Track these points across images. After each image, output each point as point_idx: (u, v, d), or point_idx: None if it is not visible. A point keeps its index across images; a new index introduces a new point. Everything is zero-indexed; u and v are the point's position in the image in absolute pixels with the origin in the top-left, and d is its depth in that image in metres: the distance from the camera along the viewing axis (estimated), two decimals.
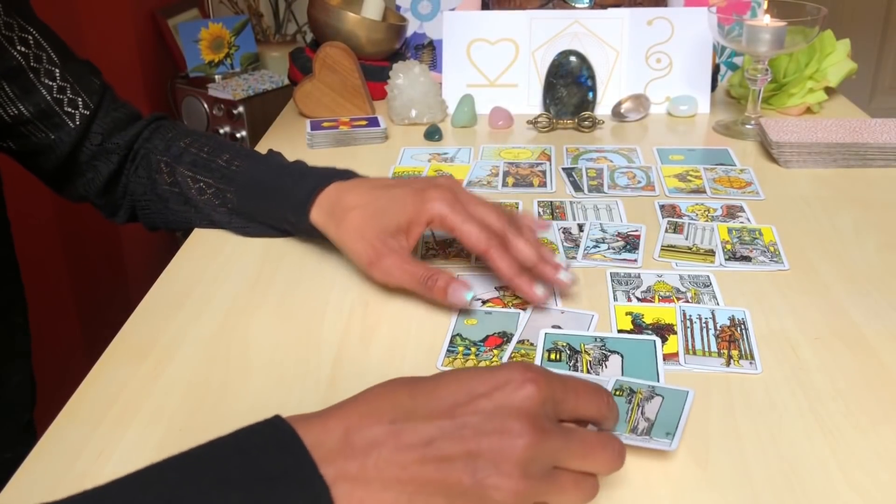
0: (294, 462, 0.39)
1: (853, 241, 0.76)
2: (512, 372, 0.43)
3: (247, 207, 0.77)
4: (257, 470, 0.38)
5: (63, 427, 0.55)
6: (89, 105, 0.79)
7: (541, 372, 0.43)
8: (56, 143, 0.78)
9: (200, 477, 0.38)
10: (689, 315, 0.64)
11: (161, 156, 0.81)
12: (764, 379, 0.57)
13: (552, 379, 0.44)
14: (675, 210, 0.83)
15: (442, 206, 0.65)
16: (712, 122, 1.09)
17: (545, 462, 0.42)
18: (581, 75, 1.08)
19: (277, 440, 0.39)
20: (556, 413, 0.44)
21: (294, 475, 0.38)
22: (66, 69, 0.78)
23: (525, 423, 0.41)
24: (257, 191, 0.76)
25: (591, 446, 0.43)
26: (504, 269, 0.64)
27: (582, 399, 0.45)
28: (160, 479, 0.38)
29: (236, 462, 0.39)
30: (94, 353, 0.62)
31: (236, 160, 0.78)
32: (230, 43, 2.02)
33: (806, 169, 0.93)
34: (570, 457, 0.43)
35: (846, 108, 1.14)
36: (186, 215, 0.81)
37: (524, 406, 0.41)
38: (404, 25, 1.23)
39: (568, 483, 0.43)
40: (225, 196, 0.78)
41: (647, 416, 0.53)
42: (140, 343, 0.64)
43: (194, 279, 0.73)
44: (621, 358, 0.59)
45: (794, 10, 1.00)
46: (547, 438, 0.41)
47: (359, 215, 0.68)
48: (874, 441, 0.51)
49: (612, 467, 0.44)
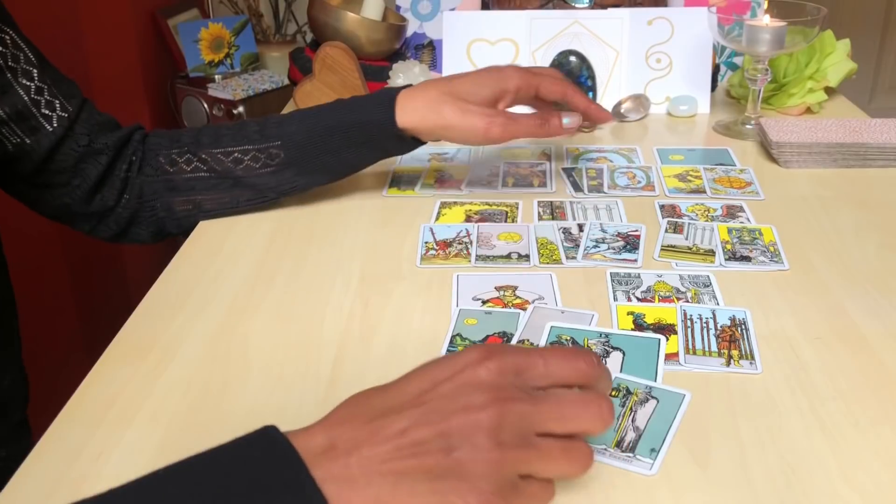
0: (293, 475, 0.40)
1: (853, 241, 0.76)
2: (471, 353, 0.44)
3: (300, 154, 0.79)
4: (256, 482, 0.39)
5: (62, 427, 0.55)
6: (67, 108, 0.77)
7: (499, 347, 0.45)
8: (32, 147, 0.75)
9: (201, 490, 0.39)
10: (690, 315, 0.64)
11: (170, 149, 0.80)
12: (764, 379, 0.57)
13: (512, 351, 0.45)
14: (675, 210, 0.83)
15: (520, 74, 0.81)
16: (712, 122, 1.09)
17: (518, 428, 0.42)
18: (581, 75, 1.08)
19: (275, 452, 0.40)
20: (525, 382, 0.44)
21: (293, 487, 0.39)
22: (44, 71, 0.76)
23: (487, 394, 0.42)
24: (311, 133, 0.79)
25: (568, 406, 0.44)
26: (582, 100, 0.84)
27: (552, 363, 0.45)
28: (160, 493, 0.39)
29: (236, 475, 0.39)
30: (94, 353, 0.62)
31: (268, 122, 0.80)
32: (230, 43, 2.02)
33: (806, 169, 0.93)
34: (545, 419, 0.43)
35: (846, 108, 1.14)
36: (216, 197, 0.81)
37: (485, 380, 0.43)
38: (404, 25, 1.23)
39: (554, 450, 0.43)
40: (269, 153, 0.79)
41: (636, 424, 0.53)
42: (140, 343, 0.64)
43: (194, 279, 0.73)
44: (622, 355, 0.60)
45: (794, 10, 1.00)
46: (512, 404, 0.42)
47: (451, 99, 0.78)
48: (874, 441, 0.51)
49: (596, 424, 0.44)
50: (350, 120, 0.79)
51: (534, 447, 0.43)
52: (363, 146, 0.80)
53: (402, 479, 0.41)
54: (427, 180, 0.92)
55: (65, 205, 0.80)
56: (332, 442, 0.42)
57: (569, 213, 0.83)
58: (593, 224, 0.80)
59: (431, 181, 0.92)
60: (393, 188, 0.91)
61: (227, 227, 0.82)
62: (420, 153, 1.00)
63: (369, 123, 0.78)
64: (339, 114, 0.80)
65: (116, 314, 0.72)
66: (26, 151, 0.75)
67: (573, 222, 0.81)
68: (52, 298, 1.52)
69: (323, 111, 0.81)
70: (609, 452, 0.50)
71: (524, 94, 0.82)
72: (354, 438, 0.42)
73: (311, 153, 0.79)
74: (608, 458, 0.50)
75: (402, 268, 0.74)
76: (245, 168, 0.79)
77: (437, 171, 0.94)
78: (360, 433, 0.42)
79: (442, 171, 0.94)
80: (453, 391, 0.43)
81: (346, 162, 0.82)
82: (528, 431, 0.43)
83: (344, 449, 0.41)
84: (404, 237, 0.79)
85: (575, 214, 0.83)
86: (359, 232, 0.80)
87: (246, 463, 0.40)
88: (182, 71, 2.02)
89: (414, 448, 0.41)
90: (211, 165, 0.79)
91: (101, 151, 0.79)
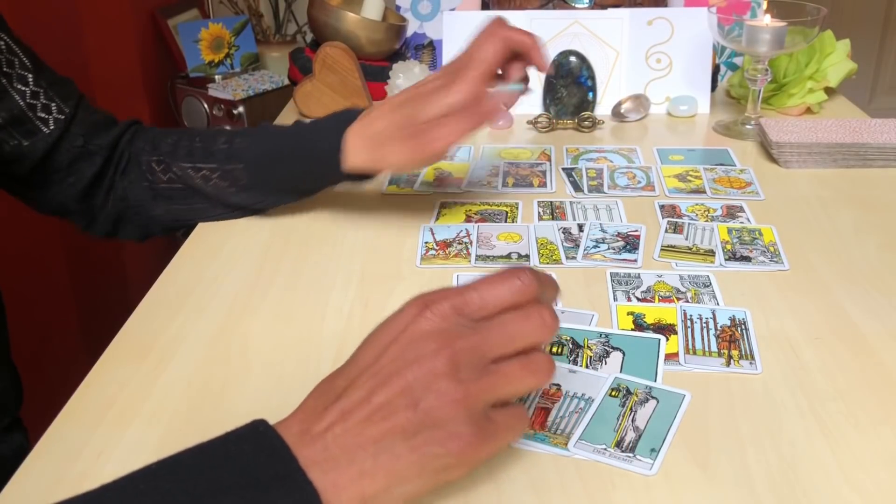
0: (284, 467, 0.41)
1: (853, 241, 0.76)
2: (409, 310, 0.45)
3: (261, 179, 0.78)
4: (248, 476, 0.40)
5: (63, 427, 0.55)
6: (64, 110, 0.77)
7: (433, 295, 0.45)
8: (29, 149, 0.75)
9: (194, 484, 0.39)
10: (690, 315, 0.64)
11: (150, 156, 0.80)
12: (764, 379, 0.57)
13: (446, 294, 0.45)
14: (675, 210, 0.83)
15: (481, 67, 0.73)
16: (712, 122, 1.09)
17: (473, 363, 0.43)
18: (581, 75, 1.08)
19: (265, 446, 0.41)
20: (468, 318, 0.45)
21: (284, 478, 0.40)
22: (39, 75, 0.76)
23: (434, 341, 0.43)
24: (269, 159, 0.77)
25: (510, 324, 0.45)
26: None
27: (486, 292, 0.45)
28: (154, 488, 0.39)
29: (227, 469, 0.40)
30: (94, 353, 0.62)
31: (236, 139, 0.79)
32: (230, 43, 2.02)
33: (806, 169, 0.93)
34: (494, 345, 0.44)
35: (846, 109, 1.14)
36: (193, 209, 0.81)
37: (428, 329, 0.44)
38: (404, 25, 1.23)
39: (513, 369, 0.44)
40: (234, 175, 0.78)
41: (636, 424, 0.53)
42: (140, 343, 0.64)
43: (194, 279, 0.73)
44: (622, 355, 0.60)
45: (794, 10, 1.00)
46: (460, 341, 0.43)
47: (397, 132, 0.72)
48: (874, 441, 0.51)
49: (542, 333, 0.45)
50: (301, 156, 0.77)
51: (493, 374, 0.44)
52: (317, 182, 0.79)
53: (380, 446, 0.42)
54: (426, 178, 0.92)
55: (60, 203, 0.81)
56: (306, 428, 0.43)
57: (569, 213, 0.83)
58: (593, 224, 0.80)
59: (431, 179, 0.92)
60: (392, 185, 0.91)
61: (227, 227, 0.82)
62: None
63: (319, 162, 0.76)
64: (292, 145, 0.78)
65: (116, 314, 0.72)
66: (23, 154, 0.76)
67: (573, 222, 0.81)
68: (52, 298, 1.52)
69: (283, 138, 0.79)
70: (609, 452, 0.50)
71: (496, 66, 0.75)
72: (325, 420, 0.43)
73: (272, 179, 0.78)
74: (608, 458, 0.50)
75: (402, 268, 0.74)
76: (214, 186, 0.79)
77: (436, 169, 0.94)
78: (329, 414, 0.43)
79: (442, 170, 0.94)
80: (402, 349, 0.44)
81: (305, 190, 0.81)
82: (483, 362, 0.44)
83: (318, 433, 0.42)
84: (404, 237, 0.79)
85: (575, 214, 0.83)
86: (359, 232, 0.80)
87: (237, 457, 0.41)
88: (182, 71, 2.02)
89: (381, 412, 0.42)
90: (184, 179, 0.79)
91: (95, 152, 0.80)
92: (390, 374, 0.43)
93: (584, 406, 0.54)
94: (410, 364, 0.43)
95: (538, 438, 0.52)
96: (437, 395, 0.42)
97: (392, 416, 0.42)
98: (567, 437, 0.52)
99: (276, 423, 0.43)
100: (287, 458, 0.41)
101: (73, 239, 1.55)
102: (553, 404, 0.55)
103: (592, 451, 0.51)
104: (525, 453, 0.51)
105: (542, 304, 0.46)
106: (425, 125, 0.71)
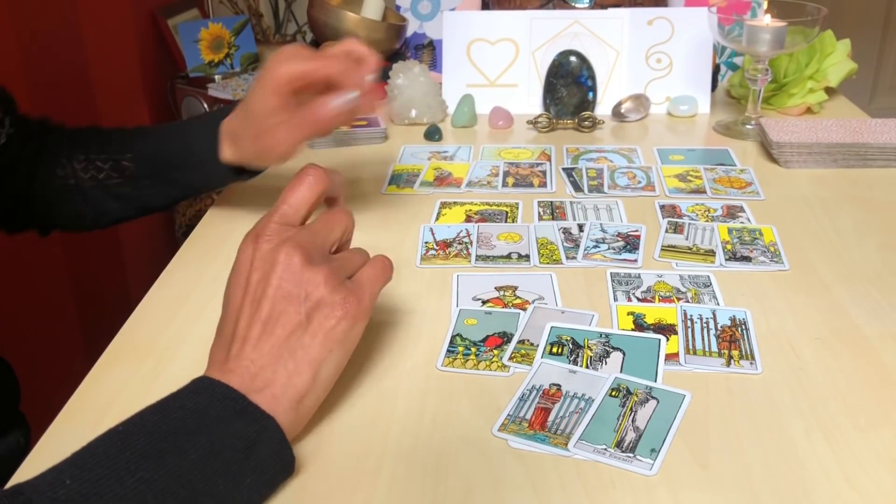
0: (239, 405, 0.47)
1: (853, 241, 0.76)
2: (245, 248, 0.52)
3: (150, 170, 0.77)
4: (210, 418, 0.45)
5: (63, 427, 0.55)
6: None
7: (254, 227, 0.52)
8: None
9: (166, 433, 0.44)
10: (690, 315, 0.64)
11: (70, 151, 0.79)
12: (764, 379, 0.57)
13: (263, 220, 0.52)
14: (676, 210, 0.83)
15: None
16: (712, 122, 1.09)
17: (318, 250, 0.52)
18: (581, 75, 1.08)
19: (218, 394, 0.47)
20: (292, 226, 0.52)
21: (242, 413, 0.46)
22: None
23: (280, 250, 0.50)
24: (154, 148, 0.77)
25: (327, 220, 0.54)
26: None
27: (292, 198, 0.53)
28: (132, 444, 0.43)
29: (192, 418, 0.45)
30: (94, 353, 0.62)
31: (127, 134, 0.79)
32: (230, 43, 2.02)
33: (806, 169, 0.93)
34: (323, 232, 0.53)
35: (846, 108, 1.14)
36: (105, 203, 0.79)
37: (268, 248, 0.50)
38: (404, 25, 1.23)
39: (346, 253, 0.55)
40: (121, 165, 0.77)
41: (636, 424, 0.53)
42: (140, 343, 0.64)
43: (194, 279, 0.73)
44: (622, 355, 0.60)
45: (794, 10, 1.00)
46: (297, 236, 0.51)
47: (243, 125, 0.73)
48: (874, 441, 0.51)
49: (346, 218, 0.55)
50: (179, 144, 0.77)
51: (341, 258, 0.54)
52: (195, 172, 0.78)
53: (288, 346, 0.49)
54: (426, 178, 0.92)
55: None
56: (223, 369, 0.49)
57: (569, 213, 0.83)
58: (593, 224, 0.80)
59: (431, 179, 0.92)
60: (392, 186, 0.91)
61: (227, 227, 0.82)
62: (420, 151, 1.00)
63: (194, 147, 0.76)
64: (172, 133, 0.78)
65: (116, 314, 0.72)
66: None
67: (573, 222, 0.81)
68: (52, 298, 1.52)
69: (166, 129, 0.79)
70: (609, 452, 0.50)
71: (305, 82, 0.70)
72: (233, 353, 0.49)
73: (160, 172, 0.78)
74: (608, 458, 0.50)
75: (401, 268, 0.73)
76: (105, 177, 0.78)
77: (436, 169, 0.94)
78: (233, 349, 0.49)
79: (441, 170, 0.94)
80: (260, 271, 0.50)
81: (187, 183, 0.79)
82: (324, 249, 0.53)
83: (234, 365, 0.49)
84: (404, 237, 0.79)
85: (575, 214, 0.83)
86: (358, 232, 0.79)
87: (195, 407, 0.46)
88: (182, 71, 2.02)
89: (273, 320, 0.49)
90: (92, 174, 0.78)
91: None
92: (262, 290, 0.50)
93: (584, 406, 0.54)
94: (272, 272, 0.50)
95: (538, 438, 0.52)
96: (307, 283, 0.49)
97: (282, 318, 0.49)
98: (567, 438, 0.52)
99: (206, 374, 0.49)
100: (238, 398, 0.47)
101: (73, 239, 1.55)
102: (553, 404, 0.55)
103: (592, 451, 0.51)
104: (525, 453, 0.51)
105: (336, 199, 0.58)
106: (270, 125, 0.70)
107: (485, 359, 0.60)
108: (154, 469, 0.42)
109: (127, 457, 0.42)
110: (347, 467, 0.50)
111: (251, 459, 0.45)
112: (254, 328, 0.49)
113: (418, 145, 1.03)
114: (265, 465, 0.46)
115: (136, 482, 0.41)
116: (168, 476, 0.42)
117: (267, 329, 0.49)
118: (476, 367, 0.59)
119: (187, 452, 0.43)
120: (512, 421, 0.53)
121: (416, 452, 0.51)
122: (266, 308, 0.49)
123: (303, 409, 0.50)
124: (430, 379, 0.58)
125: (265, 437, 0.46)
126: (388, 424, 0.54)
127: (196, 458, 0.43)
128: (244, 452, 0.45)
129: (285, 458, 0.47)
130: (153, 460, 0.42)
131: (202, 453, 0.43)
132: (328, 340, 0.50)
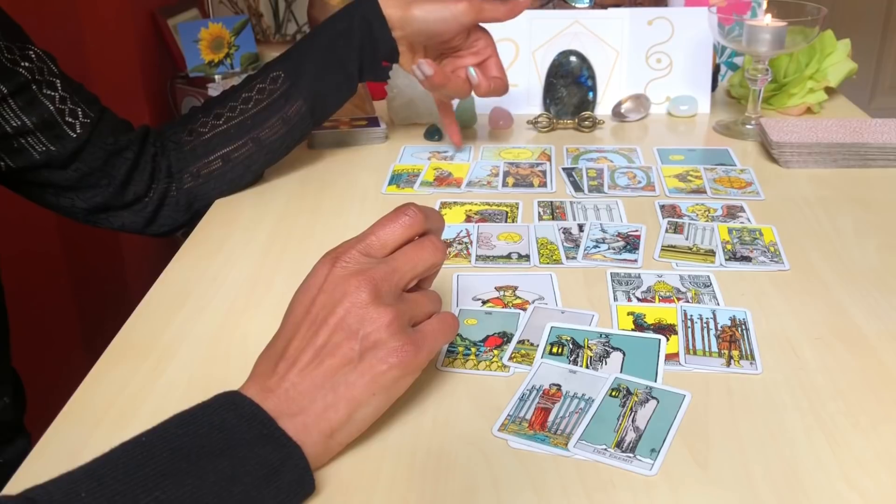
0: (265, 429, 0.46)
1: (853, 241, 0.76)
2: (322, 267, 0.51)
3: (302, 67, 0.86)
4: (235, 439, 0.45)
5: (63, 427, 0.55)
6: (90, 114, 0.79)
7: (338, 249, 0.52)
8: (57, 153, 0.77)
9: (188, 451, 0.43)
10: (690, 315, 0.64)
11: (186, 125, 0.86)
12: (764, 379, 0.57)
13: (348, 244, 0.52)
14: (676, 210, 0.83)
15: None
16: (712, 122, 1.09)
17: (391, 288, 0.50)
18: (581, 75, 1.08)
19: (245, 413, 0.46)
20: (374, 257, 0.51)
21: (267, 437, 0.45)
22: (65, 81, 0.78)
23: (353, 279, 0.49)
24: (306, 46, 0.87)
25: (411, 253, 0.52)
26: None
27: (381, 233, 0.52)
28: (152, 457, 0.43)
29: (215, 435, 0.44)
30: (94, 353, 0.62)
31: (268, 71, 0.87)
32: (230, 43, 2.02)
33: (806, 169, 0.93)
34: (403, 270, 0.51)
35: (846, 108, 1.14)
36: (240, 145, 0.85)
37: (343, 274, 0.50)
38: None
39: (419, 296, 0.53)
40: (272, 84, 0.85)
41: (636, 424, 0.53)
42: (140, 343, 0.64)
43: (194, 279, 0.73)
44: (622, 355, 0.60)
45: (794, 10, 1.00)
46: (374, 272, 0.50)
47: None
48: (874, 441, 0.51)
49: (437, 255, 0.53)
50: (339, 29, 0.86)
51: (408, 299, 0.51)
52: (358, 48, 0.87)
53: (334, 380, 0.48)
54: (426, 178, 0.92)
55: (102, 204, 0.82)
56: (263, 385, 0.48)
57: (569, 213, 0.83)
58: (593, 224, 0.80)
59: (431, 179, 0.92)
60: (392, 186, 0.91)
61: (227, 226, 0.82)
62: (420, 151, 1.00)
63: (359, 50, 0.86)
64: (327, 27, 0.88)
65: (116, 314, 0.72)
66: (53, 157, 0.77)
67: (573, 222, 0.81)
68: (52, 298, 1.52)
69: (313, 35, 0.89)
70: (609, 452, 0.50)
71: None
72: (278, 374, 0.48)
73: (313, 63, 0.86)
74: (608, 458, 0.50)
75: None
76: (254, 108, 0.84)
77: (436, 169, 0.94)
78: (279, 368, 0.49)
79: (441, 170, 0.94)
80: (328, 295, 0.49)
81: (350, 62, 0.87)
82: (398, 289, 0.51)
83: (275, 386, 0.48)
84: None
85: (575, 214, 0.83)
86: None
87: (221, 424, 0.45)
88: (182, 71, 2.01)
89: (326, 351, 0.48)
90: (226, 117, 0.85)
91: (127, 147, 0.82)
92: (324, 317, 0.49)
93: (584, 406, 0.54)
94: (339, 302, 0.49)
95: (538, 438, 0.52)
96: (369, 322, 0.48)
97: (336, 351, 0.48)
98: (567, 438, 0.52)
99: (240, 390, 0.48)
100: (266, 420, 0.46)
101: (73, 239, 1.55)
102: (553, 404, 0.55)
103: (592, 451, 0.51)
104: (525, 453, 0.51)
105: (431, 233, 0.54)
106: None
107: (485, 359, 0.60)
108: (171, 490, 0.41)
109: (146, 473, 0.41)
110: (347, 467, 0.50)
111: (271, 486, 0.44)
112: (306, 353, 0.49)
113: (418, 145, 1.03)
114: (284, 492, 0.45)
115: (152, 501, 0.40)
116: (184, 499, 0.41)
117: (318, 357, 0.48)
118: (476, 367, 0.59)
119: (207, 475, 0.42)
120: (512, 421, 0.53)
121: (416, 452, 0.51)
122: (323, 336, 0.49)
123: (332, 443, 0.49)
124: (430, 379, 0.58)
125: (289, 464, 0.45)
126: (387, 424, 0.54)
127: (215, 482, 0.42)
128: (265, 479, 0.44)
129: (306, 488, 0.47)
130: (172, 480, 0.41)
131: (222, 477, 0.43)
132: (374, 384, 0.48)
